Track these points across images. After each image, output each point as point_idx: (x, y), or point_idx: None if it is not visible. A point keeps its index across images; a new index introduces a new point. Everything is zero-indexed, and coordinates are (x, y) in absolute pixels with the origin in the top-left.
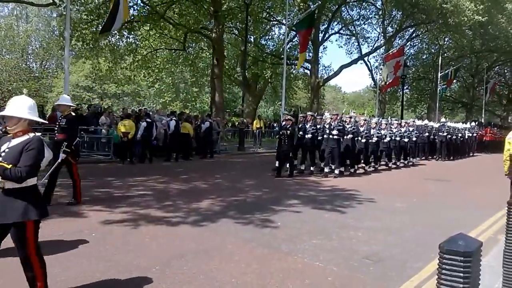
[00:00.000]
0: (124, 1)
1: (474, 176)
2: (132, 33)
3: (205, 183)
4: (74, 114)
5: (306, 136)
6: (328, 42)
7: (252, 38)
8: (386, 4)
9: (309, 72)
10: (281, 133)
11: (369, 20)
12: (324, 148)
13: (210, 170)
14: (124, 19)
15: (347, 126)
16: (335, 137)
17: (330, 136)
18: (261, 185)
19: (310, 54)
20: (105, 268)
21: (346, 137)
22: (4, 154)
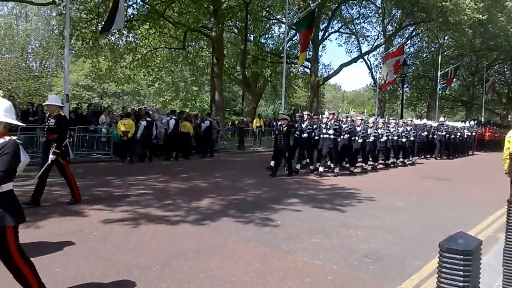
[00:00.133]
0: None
1: (473, 174)
2: (131, 32)
3: (205, 182)
4: (63, 114)
5: (302, 135)
6: (327, 40)
7: (252, 37)
8: (386, 2)
9: (309, 71)
10: (276, 133)
11: (369, 18)
12: (321, 148)
13: (210, 169)
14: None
15: (344, 125)
16: (331, 136)
17: (326, 135)
18: (261, 184)
19: (310, 53)
20: (105, 267)
21: (343, 136)
22: None
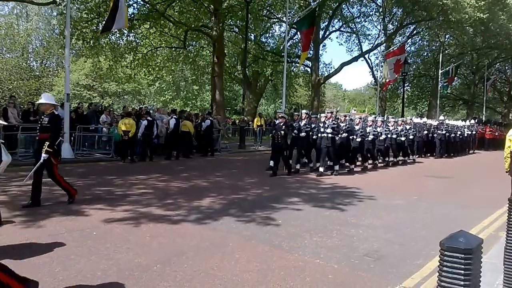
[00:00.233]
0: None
1: (474, 173)
2: (132, 31)
3: (205, 181)
4: (56, 112)
5: (300, 134)
6: (328, 39)
7: (252, 36)
8: (386, 1)
9: (309, 69)
10: (274, 131)
11: (369, 17)
12: (319, 147)
13: (211, 168)
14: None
15: (342, 124)
16: (329, 135)
17: (324, 134)
18: (261, 183)
19: (311, 52)
20: (106, 266)
21: (341, 135)
22: None
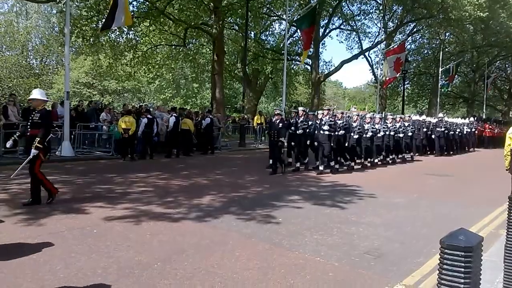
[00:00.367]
0: (126, 3)
1: (474, 171)
2: (132, 29)
3: (206, 179)
4: (48, 109)
5: (297, 132)
6: (328, 37)
7: (252, 34)
8: None
9: (309, 67)
10: (271, 130)
11: (369, 15)
12: (317, 144)
13: (211, 166)
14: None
15: (339, 121)
16: (326, 132)
17: (321, 132)
18: (262, 181)
19: (311, 50)
20: (106, 264)
21: (338, 132)
22: None
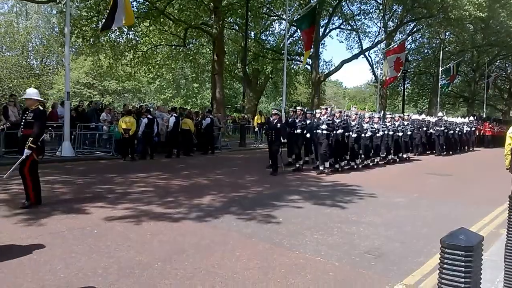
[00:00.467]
0: (127, 3)
1: (474, 171)
2: (132, 29)
3: (206, 179)
4: (42, 108)
5: (295, 131)
6: (328, 37)
7: (252, 34)
8: None
9: (309, 67)
10: (267, 128)
11: (369, 14)
12: (315, 143)
13: (211, 166)
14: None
15: (337, 120)
16: (324, 132)
17: (319, 131)
18: (262, 180)
19: (311, 50)
20: (107, 264)
21: (336, 132)
22: None
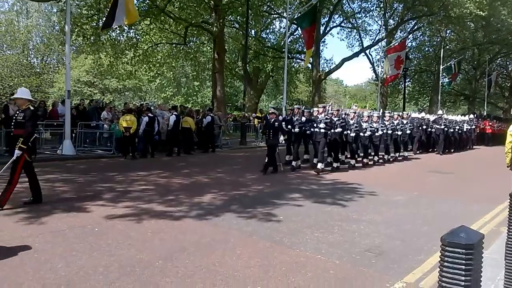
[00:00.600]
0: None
1: (474, 169)
2: (132, 27)
3: (207, 178)
4: (32, 108)
5: (293, 130)
6: (329, 35)
7: (253, 32)
8: None
9: (310, 65)
10: (265, 128)
11: (370, 12)
12: (314, 142)
13: (212, 164)
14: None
15: (335, 119)
16: (322, 130)
17: (317, 129)
18: (262, 179)
19: (313, 48)
20: (107, 262)
21: (334, 130)
22: None
